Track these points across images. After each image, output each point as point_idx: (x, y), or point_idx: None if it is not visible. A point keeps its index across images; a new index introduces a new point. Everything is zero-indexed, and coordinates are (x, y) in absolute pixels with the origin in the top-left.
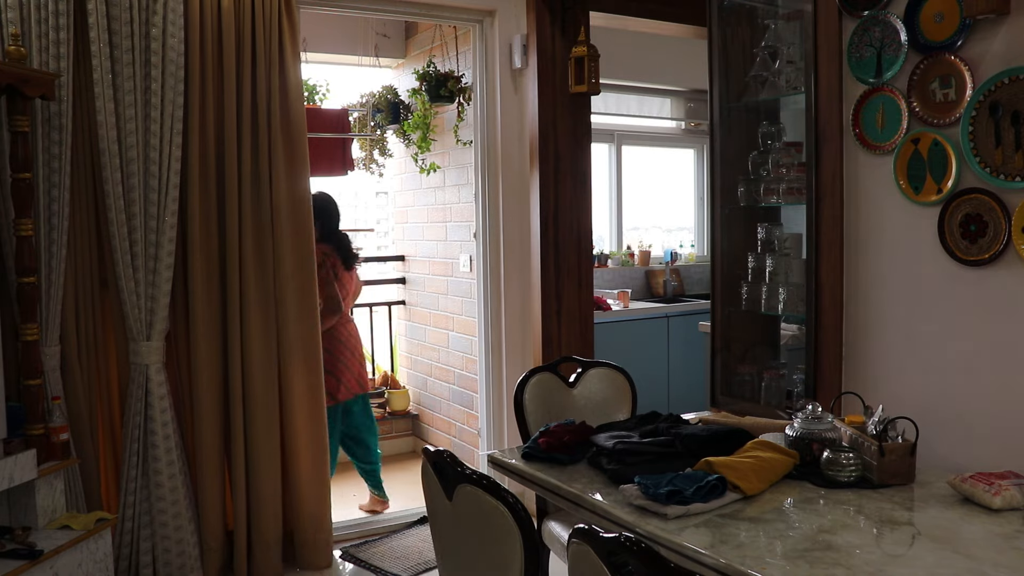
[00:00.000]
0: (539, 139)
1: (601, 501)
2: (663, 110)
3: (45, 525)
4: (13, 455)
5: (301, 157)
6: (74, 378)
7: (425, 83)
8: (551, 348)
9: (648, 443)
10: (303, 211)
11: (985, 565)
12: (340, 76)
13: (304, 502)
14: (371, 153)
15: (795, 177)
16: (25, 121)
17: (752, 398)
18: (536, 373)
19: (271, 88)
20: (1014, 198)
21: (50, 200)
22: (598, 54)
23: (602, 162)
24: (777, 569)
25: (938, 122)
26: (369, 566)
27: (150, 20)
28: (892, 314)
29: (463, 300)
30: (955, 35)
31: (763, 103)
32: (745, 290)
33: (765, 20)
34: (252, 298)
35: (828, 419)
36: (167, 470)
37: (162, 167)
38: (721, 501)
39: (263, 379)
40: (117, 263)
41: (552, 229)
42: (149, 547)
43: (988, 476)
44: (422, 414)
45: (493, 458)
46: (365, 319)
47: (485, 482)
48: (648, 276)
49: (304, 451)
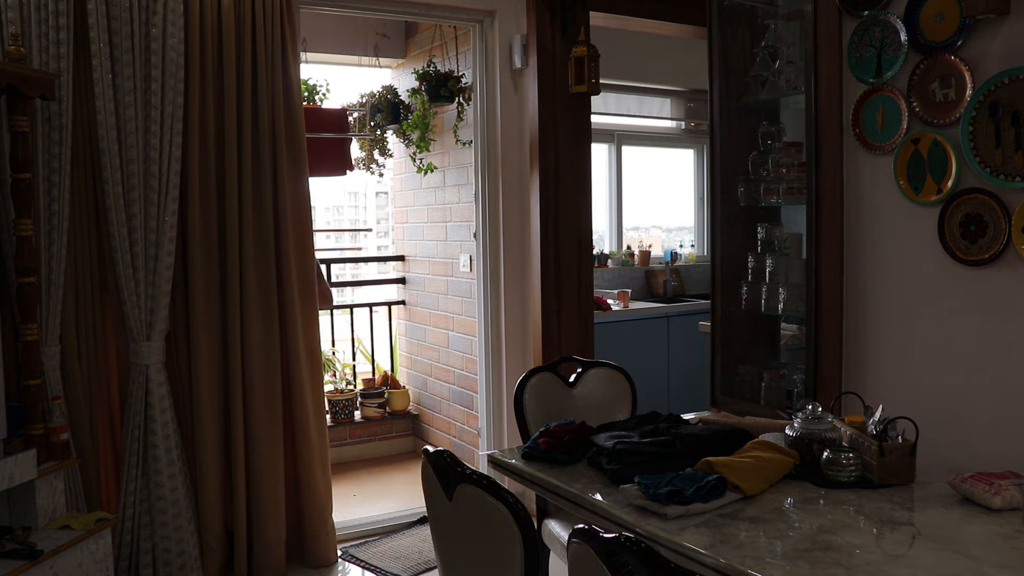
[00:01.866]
0: (539, 139)
1: (601, 501)
2: (663, 110)
3: (45, 525)
4: (13, 455)
5: (301, 157)
6: (74, 378)
7: (425, 83)
8: (551, 348)
9: (648, 443)
10: (303, 210)
11: (985, 565)
12: (340, 76)
13: (310, 499)
14: (371, 153)
15: (795, 177)
16: (25, 121)
17: (752, 398)
18: (536, 373)
19: (271, 88)
20: (1014, 198)
21: (50, 200)
22: (598, 54)
23: (602, 162)
24: (777, 569)
25: (938, 122)
26: (369, 566)
27: (150, 20)
28: (892, 314)
29: (463, 300)
30: (955, 35)
31: (763, 103)
32: (745, 290)
33: (765, 20)
34: (252, 297)
35: (828, 419)
36: (167, 470)
37: (162, 167)
38: (721, 501)
39: (263, 378)
40: (117, 263)
41: (552, 229)
42: (149, 547)
43: (988, 476)
44: (422, 414)
45: (493, 458)
46: (365, 319)
47: (485, 482)
48: (648, 276)
49: (309, 448)
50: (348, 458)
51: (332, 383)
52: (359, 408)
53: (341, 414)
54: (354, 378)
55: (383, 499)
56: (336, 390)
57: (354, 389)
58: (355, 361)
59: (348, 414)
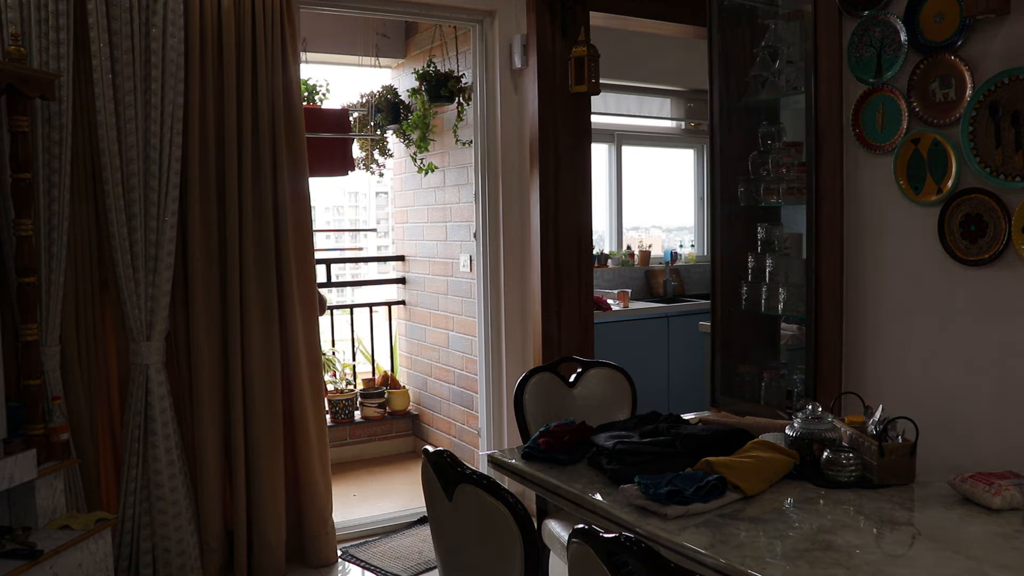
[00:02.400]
0: (539, 139)
1: (601, 501)
2: (663, 110)
3: (45, 525)
4: (13, 455)
5: (301, 157)
6: (74, 378)
7: (425, 83)
8: (551, 348)
9: (648, 443)
10: (303, 210)
11: (985, 565)
12: (340, 76)
13: (310, 499)
14: (371, 153)
15: (795, 177)
16: (25, 121)
17: (752, 398)
18: (536, 373)
19: (271, 88)
20: (1014, 198)
21: (50, 200)
22: (598, 54)
23: (602, 162)
24: (777, 569)
25: (938, 122)
26: (369, 566)
27: (150, 20)
28: (892, 314)
29: (463, 300)
30: (955, 35)
31: (763, 103)
32: (745, 290)
33: (765, 20)
34: (252, 297)
35: (828, 419)
36: (167, 470)
37: (162, 167)
38: (721, 501)
39: (263, 378)
40: (117, 263)
41: (552, 229)
42: (149, 547)
43: (988, 476)
44: (422, 414)
45: (493, 458)
46: (365, 319)
47: (485, 482)
48: (648, 276)
49: (309, 448)
50: (348, 458)
51: (332, 383)
52: (359, 408)
53: (341, 414)
54: (354, 378)
55: (383, 499)
56: (336, 390)
57: (354, 389)
58: (355, 361)
59: (348, 414)
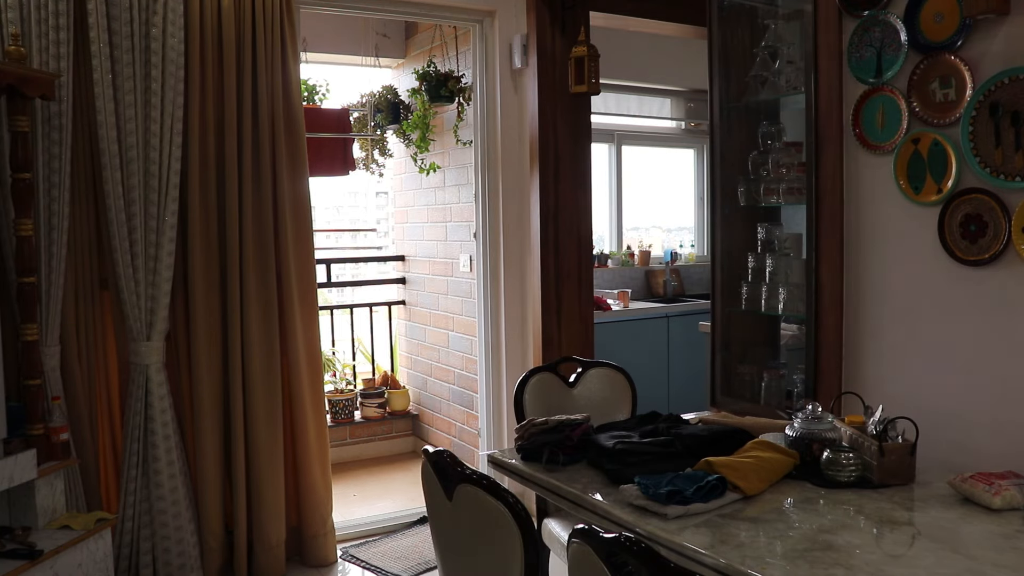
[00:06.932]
0: (539, 139)
1: (601, 501)
2: (663, 110)
3: (45, 525)
4: (13, 455)
5: (301, 157)
6: (74, 378)
7: (425, 83)
8: (551, 348)
9: (648, 443)
10: (303, 210)
11: (985, 565)
12: (340, 76)
13: (310, 499)
14: (371, 153)
15: (795, 177)
16: (25, 121)
17: (752, 398)
18: (536, 373)
19: (271, 88)
20: (1014, 198)
21: (50, 200)
22: (598, 54)
23: (602, 162)
24: (777, 569)
25: (938, 122)
26: (369, 566)
27: (150, 20)
28: (892, 314)
29: (463, 300)
30: (955, 35)
31: (763, 103)
32: (745, 290)
33: (765, 20)
34: (252, 297)
35: (828, 419)
36: (167, 470)
37: (162, 167)
38: (721, 501)
39: (264, 378)
40: (117, 263)
41: (552, 229)
42: (149, 547)
43: (988, 476)
44: (422, 414)
45: (493, 458)
46: (365, 319)
47: (485, 482)
48: (648, 276)
49: (309, 448)
50: (348, 458)
51: (332, 383)
52: (359, 408)
53: (341, 414)
54: (354, 378)
55: (383, 499)
56: (336, 390)
57: (354, 389)
58: (355, 361)
59: (348, 414)
